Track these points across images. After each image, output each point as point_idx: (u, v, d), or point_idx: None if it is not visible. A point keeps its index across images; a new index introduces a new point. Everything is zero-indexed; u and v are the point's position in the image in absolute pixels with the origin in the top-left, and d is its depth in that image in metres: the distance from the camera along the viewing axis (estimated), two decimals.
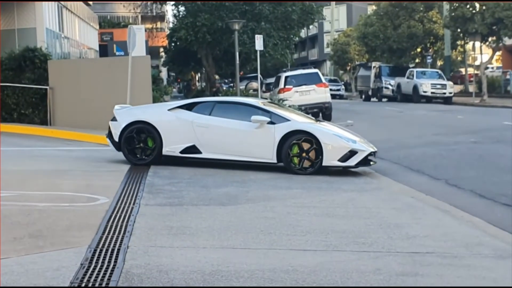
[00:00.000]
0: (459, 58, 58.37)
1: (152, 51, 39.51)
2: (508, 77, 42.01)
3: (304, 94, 25.86)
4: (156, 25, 40.66)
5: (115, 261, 5.53)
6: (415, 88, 38.39)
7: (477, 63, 45.92)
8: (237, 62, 24.24)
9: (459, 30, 38.02)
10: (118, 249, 5.91)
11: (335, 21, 73.19)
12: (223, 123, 11.67)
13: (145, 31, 28.41)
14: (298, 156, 11.21)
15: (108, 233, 6.53)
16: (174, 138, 11.65)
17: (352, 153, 11.23)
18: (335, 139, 11.33)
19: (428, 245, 6.39)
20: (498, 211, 8.34)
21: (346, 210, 8.08)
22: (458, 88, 46.25)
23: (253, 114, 11.58)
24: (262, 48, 25.23)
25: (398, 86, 41.15)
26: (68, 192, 8.78)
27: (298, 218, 7.51)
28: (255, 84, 41.56)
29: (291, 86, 26.35)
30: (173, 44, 35.15)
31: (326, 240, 6.52)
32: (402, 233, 6.85)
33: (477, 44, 38.76)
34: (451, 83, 39.35)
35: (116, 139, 11.91)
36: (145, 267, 5.39)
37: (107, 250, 5.89)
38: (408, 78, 39.97)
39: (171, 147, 11.67)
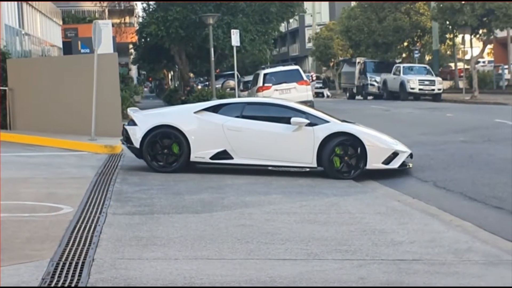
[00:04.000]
0: (448, 52, 58.82)
1: (121, 48, 39.34)
2: (500, 71, 42.43)
3: (284, 92, 25.91)
4: (124, 20, 40.50)
5: (79, 275, 5.49)
6: (402, 84, 38.64)
7: (467, 57, 46.32)
8: (212, 59, 24.27)
9: (447, 22, 38.33)
10: (83, 262, 5.87)
11: (317, 14, 73.55)
12: (257, 126, 11.57)
13: (112, 26, 28.26)
14: (341, 159, 11.22)
15: (72, 245, 6.49)
16: (203, 143, 11.51)
17: (395, 155, 11.42)
18: (379, 140, 11.49)
19: (414, 251, 6.44)
20: (489, 214, 8.41)
21: (328, 216, 8.11)
22: (447, 84, 46.67)
23: (286, 115, 11.55)
24: (238, 44, 25.29)
25: (384, 82, 41.41)
26: (29, 202, 8.71)
27: (277, 226, 7.52)
28: (232, 83, 41.56)
29: (270, 84, 26.39)
30: (143, 40, 35.04)
31: (307, 248, 6.54)
32: (387, 240, 6.89)
33: (467, 37, 39.09)
34: (440, 79, 39.68)
35: (137, 145, 11.66)
36: (112, 281, 5.36)
37: (70, 263, 5.86)
38: (394, 74, 40.24)
39: (200, 152, 11.51)
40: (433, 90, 37.89)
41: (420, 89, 38.01)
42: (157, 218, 7.87)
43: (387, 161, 11.37)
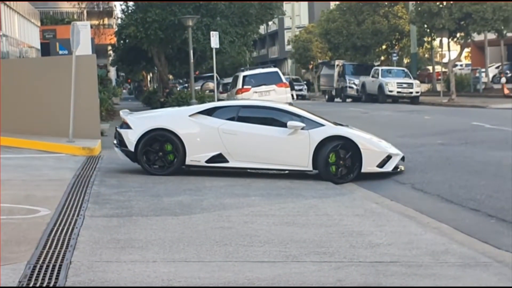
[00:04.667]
0: (426, 56, 59.31)
1: (99, 50, 39.18)
2: (477, 75, 42.77)
3: (263, 94, 25.95)
4: (103, 21, 40.29)
5: (57, 278, 5.46)
6: (381, 87, 38.85)
7: (445, 60, 46.68)
8: (192, 60, 24.21)
9: (425, 25, 38.62)
10: (60, 265, 5.84)
11: (296, 16, 73.73)
12: (253, 129, 11.58)
13: (91, 27, 28.08)
14: (336, 163, 11.28)
15: (50, 248, 6.45)
16: (198, 147, 11.50)
17: (389, 158, 11.52)
18: (373, 144, 11.57)
19: (392, 253, 6.48)
20: (466, 216, 8.48)
21: (307, 218, 8.13)
22: (425, 87, 46.95)
23: (282, 119, 11.60)
24: (217, 46, 25.27)
25: (363, 85, 41.60)
26: (6, 204, 8.63)
27: (255, 228, 7.53)
28: (211, 85, 41.55)
29: (249, 86, 26.42)
30: (122, 41, 34.93)
31: (285, 250, 6.55)
32: (365, 242, 6.92)
33: (445, 40, 39.43)
34: (418, 82, 39.94)
35: (132, 148, 11.61)
36: (89, 283, 5.34)
37: (48, 266, 5.82)
38: (373, 77, 40.44)
39: (196, 156, 11.50)
40: (411, 93, 38.14)
41: (398, 92, 38.25)
42: (135, 221, 7.84)
43: (381, 164, 11.48)
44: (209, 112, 11.82)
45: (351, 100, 43.81)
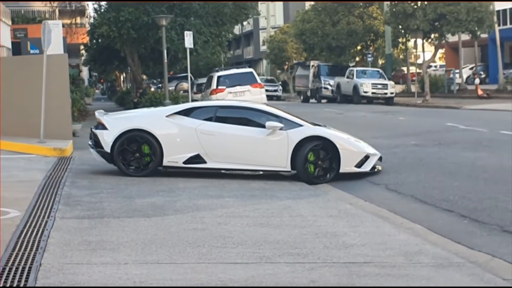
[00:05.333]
0: (401, 57, 59.76)
1: (72, 49, 38.83)
2: (451, 76, 43.21)
3: (238, 95, 25.95)
4: (75, 20, 40.07)
5: (26, 280, 5.41)
6: (355, 88, 39.07)
7: (419, 61, 47.05)
8: (165, 60, 24.15)
9: (400, 26, 38.91)
10: (30, 267, 5.79)
11: (271, 17, 73.82)
12: (230, 130, 11.56)
13: (63, 26, 27.86)
14: (314, 163, 11.34)
15: (19, 250, 6.40)
16: (175, 147, 11.44)
17: (366, 158, 11.62)
18: (352, 144, 11.66)
19: (365, 254, 6.51)
20: (439, 217, 8.55)
21: (281, 219, 8.14)
22: (400, 88, 47.35)
23: (260, 119, 11.62)
24: (191, 46, 25.22)
25: (338, 86, 41.79)
26: None
27: (229, 229, 7.52)
28: (185, 85, 41.45)
29: (224, 87, 26.41)
30: (94, 41, 34.68)
31: (259, 251, 6.55)
32: (338, 242, 6.95)
33: (419, 41, 39.75)
34: (392, 82, 40.26)
35: (108, 149, 11.49)
36: (59, 286, 5.29)
37: (17, 268, 5.77)
38: (348, 77, 40.65)
39: (173, 157, 11.44)
40: (386, 93, 38.41)
41: (373, 93, 38.50)
42: (106, 222, 7.80)
43: (359, 164, 11.56)
44: (186, 113, 11.78)
45: (326, 101, 43.98)
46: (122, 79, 71.88)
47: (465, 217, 8.41)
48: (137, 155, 11.53)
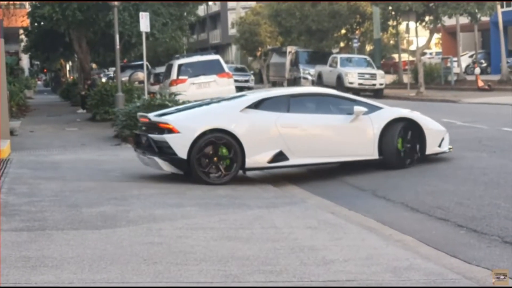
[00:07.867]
0: (391, 42, 60.13)
1: (9, 34, 38.51)
2: (448, 64, 43.53)
3: (202, 86, 25.95)
4: (13, 0, 39.68)
5: None
6: (339, 78, 39.22)
7: (412, 48, 47.43)
8: (118, 47, 24.02)
9: (390, 7, 39.15)
10: None
11: None
12: (313, 120, 11.96)
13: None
14: (403, 147, 12.16)
15: None
16: (256, 146, 11.53)
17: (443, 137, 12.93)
18: (432, 123, 12.72)
19: (348, 271, 6.56)
20: (433, 227, 8.64)
21: (251, 232, 8.17)
22: (390, 78, 47.64)
23: (335, 105, 12.24)
24: (148, 29, 25.08)
25: (319, 76, 41.96)
26: None
27: (191, 243, 7.54)
28: (141, 75, 41.18)
29: (186, 77, 26.39)
30: (36, 24, 34.44)
31: (225, 269, 6.58)
32: (317, 258, 7.00)
33: (412, 25, 40.05)
34: (382, 72, 40.52)
35: (184, 156, 11.23)
36: None
37: None
38: (330, 66, 40.85)
39: (256, 157, 11.53)
40: (374, 85, 38.64)
41: (359, 84, 38.65)
42: (49, 235, 7.78)
43: (440, 144, 12.62)
44: (256, 106, 11.97)
45: None
46: (68, 68, 71.42)
47: (461, 226, 8.51)
48: (215, 160, 11.39)
